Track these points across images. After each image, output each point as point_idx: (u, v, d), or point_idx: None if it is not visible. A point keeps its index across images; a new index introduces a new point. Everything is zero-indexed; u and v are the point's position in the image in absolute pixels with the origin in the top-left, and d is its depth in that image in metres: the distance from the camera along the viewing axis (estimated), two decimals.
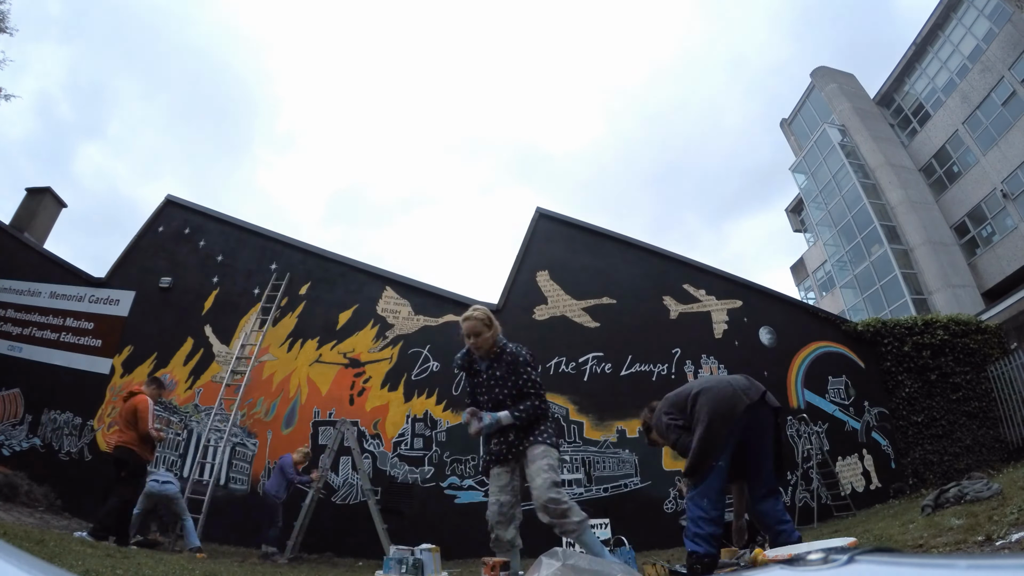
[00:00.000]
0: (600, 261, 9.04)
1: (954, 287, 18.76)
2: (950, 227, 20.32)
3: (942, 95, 20.86)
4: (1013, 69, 17.84)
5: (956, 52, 20.36)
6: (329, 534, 6.91)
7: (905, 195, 20.64)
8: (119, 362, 8.54)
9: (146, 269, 9.19)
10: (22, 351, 8.81)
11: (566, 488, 7.40)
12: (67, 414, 8.24)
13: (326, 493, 7.26)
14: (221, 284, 8.93)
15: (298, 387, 8.04)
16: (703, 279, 9.09)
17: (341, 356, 8.19)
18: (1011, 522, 2.85)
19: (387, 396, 7.91)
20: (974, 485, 5.01)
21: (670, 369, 8.27)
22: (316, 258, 9.00)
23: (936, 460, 8.20)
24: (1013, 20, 17.92)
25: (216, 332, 8.55)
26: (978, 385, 8.67)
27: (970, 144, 19.42)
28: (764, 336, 8.79)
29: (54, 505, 7.42)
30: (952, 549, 2.76)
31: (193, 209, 9.70)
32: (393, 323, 8.37)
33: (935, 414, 8.45)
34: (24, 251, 9.72)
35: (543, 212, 9.37)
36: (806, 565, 0.78)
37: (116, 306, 8.97)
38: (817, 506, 7.64)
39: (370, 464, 7.44)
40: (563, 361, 8.13)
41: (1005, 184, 17.90)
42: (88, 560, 3.19)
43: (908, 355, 8.79)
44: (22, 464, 7.84)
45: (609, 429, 7.76)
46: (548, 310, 8.53)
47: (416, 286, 8.67)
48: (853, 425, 8.41)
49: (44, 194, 11.25)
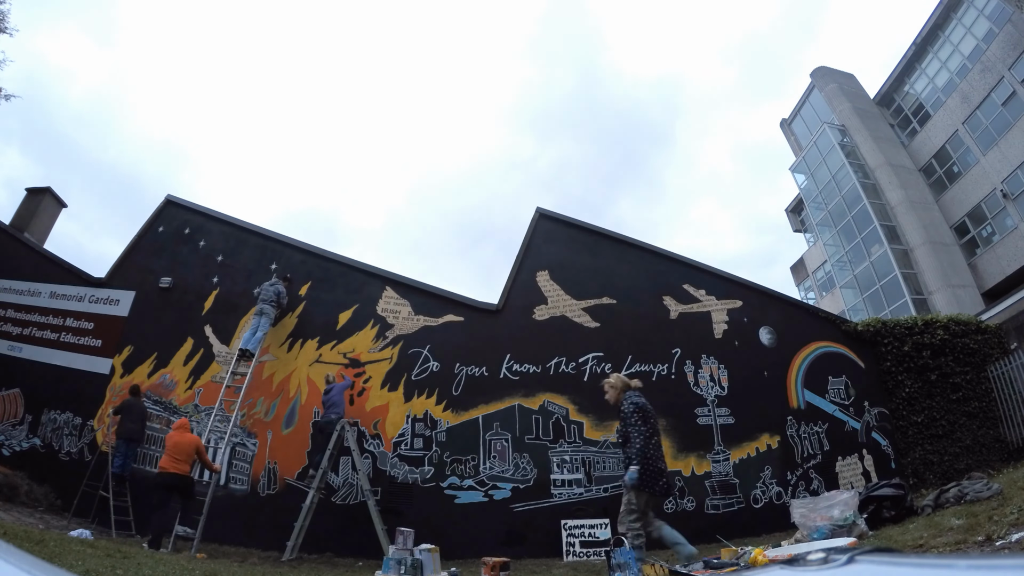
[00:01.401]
0: (600, 261, 9.04)
1: (954, 287, 18.77)
2: (950, 227, 20.33)
3: (942, 95, 20.86)
4: (1013, 69, 17.85)
5: (956, 52, 20.37)
6: (329, 534, 6.91)
7: (905, 195, 20.65)
8: (119, 362, 8.54)
9: (146, 269, 9.19)
10: (22, 351, 8.81)
11: (566, 488, 7.42)
12: (67, 414, 8.25)
13: (326, 493, 7.26)
14: (221, 284, 8.93)
15: (298, 387, 8.04)
16: (703, 279, 9.09)
17: (341, 356, 8.19)
18: (1011, 522, 2.85)
19: (387, 396, 7.91)
20: (974, 485, 5.01)
21: (670, 369, 8.27)
22: (316, 258, 9.00)
23: (936, 460, 8.20)
24: (1013, 20, 17.92)
25: (216, 332, 8.55)
26: (978, 385, 8.68)
27: (970, 144, 19.42)
28: (764, 336, 8.79)
29: (54, 505, 7.42)
30: (952, 549, 2.76)
31: (193, 209, 9.70)
32: (393, 323, 8.37)
33: (935, 414, 8.45)
34: (24, 251, 9.72)
35: (543, 212, 9.37)
36: (806, 565, 0.78)
37: (116, 306, 8.97)
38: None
39: (370, 464, 7.45)
40: (563, 361, 8.13)
41: (1005, 184, 17.90)
42: (88, 560, 3.19)
43: (908, 355, 8.79)
44: (22, 464, 7.84)
45: (609, 429, 7.75)
46: (548, 310, 8.53)
47: (416, 286, 8.67)
48: (853, 425, 8.42)
49: (44, 194, 11.26)
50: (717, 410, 8.12)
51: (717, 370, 8.39)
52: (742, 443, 7.97)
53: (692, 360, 8.39)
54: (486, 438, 7.67)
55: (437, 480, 7.42)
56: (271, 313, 8.11)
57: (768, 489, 7.79)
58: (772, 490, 7.80)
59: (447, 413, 7.79)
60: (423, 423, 7.74)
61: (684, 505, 7.48)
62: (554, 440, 7.67)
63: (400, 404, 7.85)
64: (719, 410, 8.12)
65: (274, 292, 8.21)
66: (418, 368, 8.05)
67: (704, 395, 8.19)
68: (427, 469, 7.47)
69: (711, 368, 8.39)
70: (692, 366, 8.36)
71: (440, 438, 7.65)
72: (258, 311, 8.08)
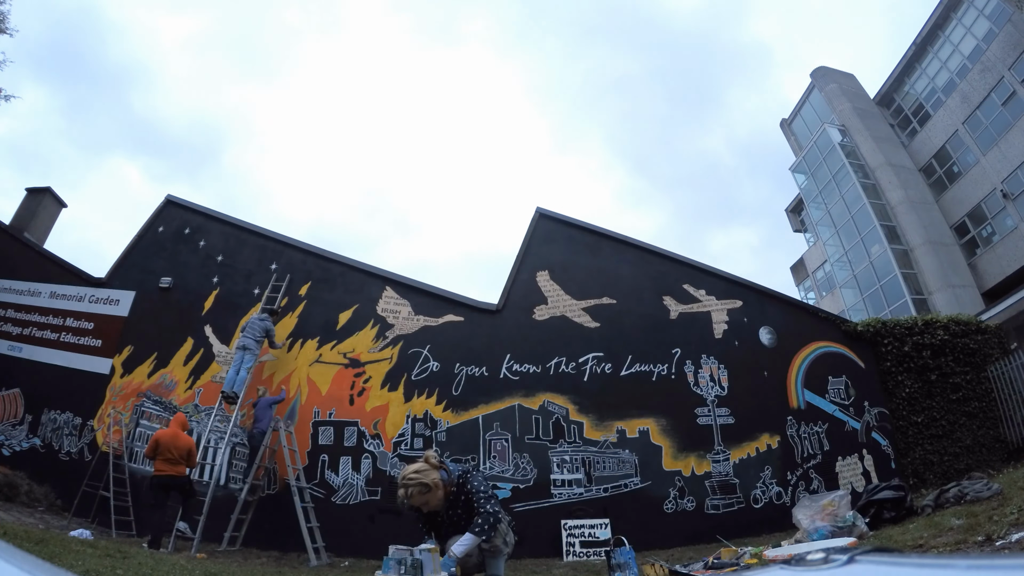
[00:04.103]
0: (600, 261, 9.04)
1: (954, 287, 18.76)
2: (950, 227, 20.33)
3: (942, 95, 20.86)
4: (1013, 69, 17.84)
5: (956, 52, 20.37)
6: (329, 534, 6.91)
7: (905, 195, 20.65)
8: (119, 362, 8.54)
9: (146, 269, 9.20)
10: (22, 351, 8.82)
11: (566, 488, 7.42)
12: (67, 414, 8.25)
13: (325, 493, 7.27)
14: (221, 284, 8.94)
15: (298, 387, 8.04)
16: (703, 279, 9.09)
17: (341, 356, 8.19)
18: (1011, 522, 2.85)
19: (387, 396, 7.91)
20: (974, 485, 5.01)
21: (670, 369, 8.27)
22: (316, 258, 9.00)
23: (936, 460, 8.20)
24: (1013, 20, 17.92)
25: (216, 332, 8.55)
26: (978, 385, 8.67)
27: (970, 144, 19.42)
28: (764, 336, 8.79)
29: (54, 505, 7.42)
30: (952, 549, 2.76)
31: (193, 209, 9.71)
32: (393, 323, 8.37)
33: (935, 414, 8.45)
34: (24, 251, 9.73)
35: (543, 212, 9.37)
36: (806, 565, 0.78)
37: (116, 306, 8.97)
38: None
39: (370, 464, 7.46)
40: (563, 361, 8.13)
41: (1005, 184, 17.90)
42: (88, 560, 3.19)
43: (908, 355, 8.79)
44: (22, 464, 7.85)
45: (609, 429, 7.76)
46: (548, 310, 8.53)
47: (416, 286, 8.67)
48: (853, 425, 8.42)
49: (44, 194, 11.26)
50: (717, 410, 8.12)
51: (717, 370, 8.39)
52: (742, 443, 7.97)
53: (692, 360, 8.39)
54: (486, 438, 7.67)
55: None
56: (255, 349, 7.78)
57: (768, 489, 7.79)
58: (772, 490, 7.80)
59: (447, 413, 7.79)
60: (423, 423, 7.74)
61: (684, 505, 7.48)
62: (554, 440, 7.67)
63: (400, 404, 7.85)
64: (719, 410, 8.12)
65: (261, 329, 7.87)
66: (418, 368, 8.05)
67: (704, 395, 8.19)
68: None
69: (711, 368, 8.39)
70: (692, 366, 8.36)
71: (440, 438, 7.65)
72: (240, 345, 7.71)
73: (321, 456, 7.55)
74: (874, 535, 4.83)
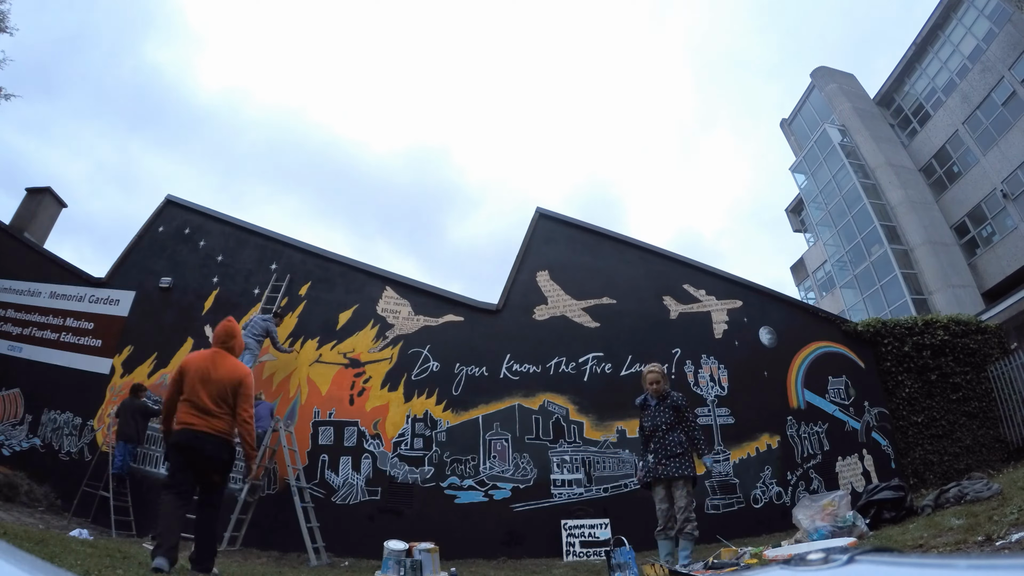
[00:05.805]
0: (600, 261, 9.04)
1: (954, 287, 18.77)
2: (950, 227, 20.33)
3: (942, 95, 20.87)
4: (1013, 69, 17.85)
5: (956, 52, 20.38)
6: (329, 534, 6.90)
7: (905, 195, 20.65)
8: (119, 362, 8.54)
9: (146, 269, 9.19)
10: (22, 351, 8.81)
11: (566, 488, 7.42)
12: (67, 414, 8.25)
13: (325, 493, 7.27)
14: (221, 284, 8.93)
15: (298, 387, 8.03)
16: (703, 279, 9.09)
17: (341, 356, 8.19)
18: (1011, 522, 2.85)
19: (387, 396, 7.91)
20: (974, 485, 5.01)
21: (670, 369, 8.26)
22: (316, 258, 9.00)
23: (936, 460, 8.20)
24: (1013, 20, 17.92)
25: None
26: (978, 385, 8.67)
27: (970, 144, 19.43)
28: (764, 336, 8.79)
29: (54, 505, 7.42)
30: (952, 549, 2.76)
31: (193, 209, 9.70)
32: (393, 323, 8.36)
33: (935, 414, 8.45)
34: (24, 251, 9.72)
35: (543, 212, 9.37)
36: (806, 565, 0.78)
37: (116, 306, 8.97)
38: None
39: (370, 464, 7.45)
40: (563, 361, 8.13)
41: (1005, 184, 17.91)
42: (88, 560, 3.19)
43: (908, 355, 8.79)
44: (22, 464, 7.85)
45: (609, 429, 7.76)
46: (548, 310, 8.53)
47: (416, 286, 8.67)
48: (853, 425, 8.41)
49: (44, 194, 11.26)
50: (717, 410, 8.12)
51: (717, 370, 8.39)
52: (742, 443, 7.96)
53: (692, 360, 8.39)
54: (486, 438, 7.67)
55: (437, 480, 7.41)
56: (255, 349, 7.75)
57: (768, 489, 7.79)
58: (772, 490, 7.80)
59: (447, 413, 7.79)
60: (423, 423, 7.74)
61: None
62: (554, 440, 7.67)
63: (400, 404, 7.85)
64: (719, 410, 8.12)
65: (263, 328, 7.84)
66: (418, 368, 8.04)
67: (704, 395, 8.19)
68: (427, 469, 7.47)
69: (711, 368, 8.39)
70: (692, 366, 8.36)
71: (440, 438, 7.65)
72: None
73: (321, 456, 7.55)
74: (874, 535, 4.83)
